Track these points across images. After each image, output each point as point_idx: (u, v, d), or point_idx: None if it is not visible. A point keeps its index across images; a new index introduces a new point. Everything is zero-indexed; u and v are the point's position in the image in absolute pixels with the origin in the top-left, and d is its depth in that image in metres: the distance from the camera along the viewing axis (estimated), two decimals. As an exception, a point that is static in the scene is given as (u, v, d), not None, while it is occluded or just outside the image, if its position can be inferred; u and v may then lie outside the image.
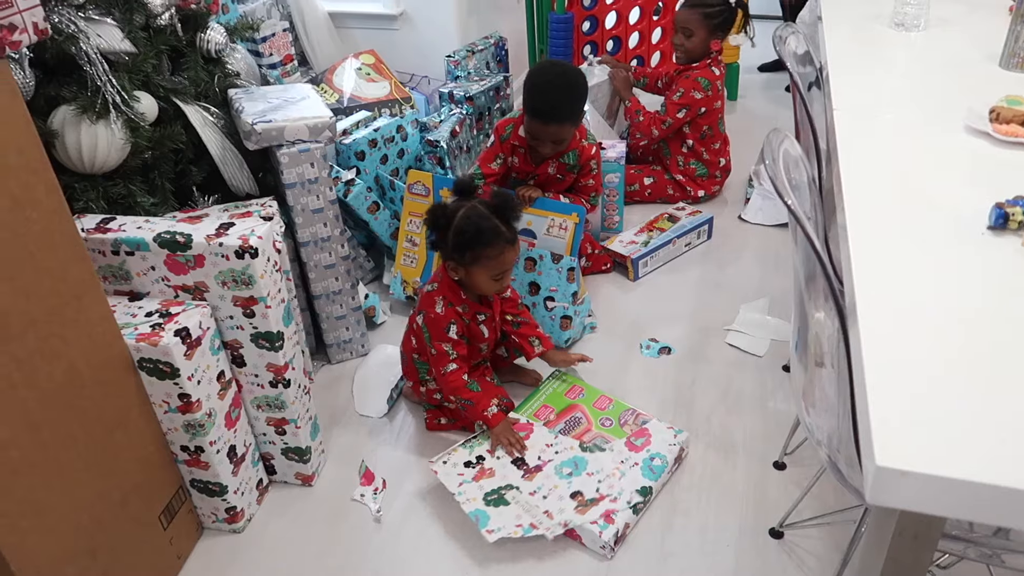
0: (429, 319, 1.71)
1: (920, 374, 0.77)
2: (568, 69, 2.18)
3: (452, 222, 1.64)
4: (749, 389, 1.95)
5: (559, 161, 2.20)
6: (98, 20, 1.60)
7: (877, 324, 0.83)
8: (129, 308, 1.45)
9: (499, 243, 1.63)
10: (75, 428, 1.26)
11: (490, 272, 1.67)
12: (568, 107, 2.10)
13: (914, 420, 0.70)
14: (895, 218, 1.07)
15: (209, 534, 1.64)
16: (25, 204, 1.13)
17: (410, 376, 1.87)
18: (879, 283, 0.90)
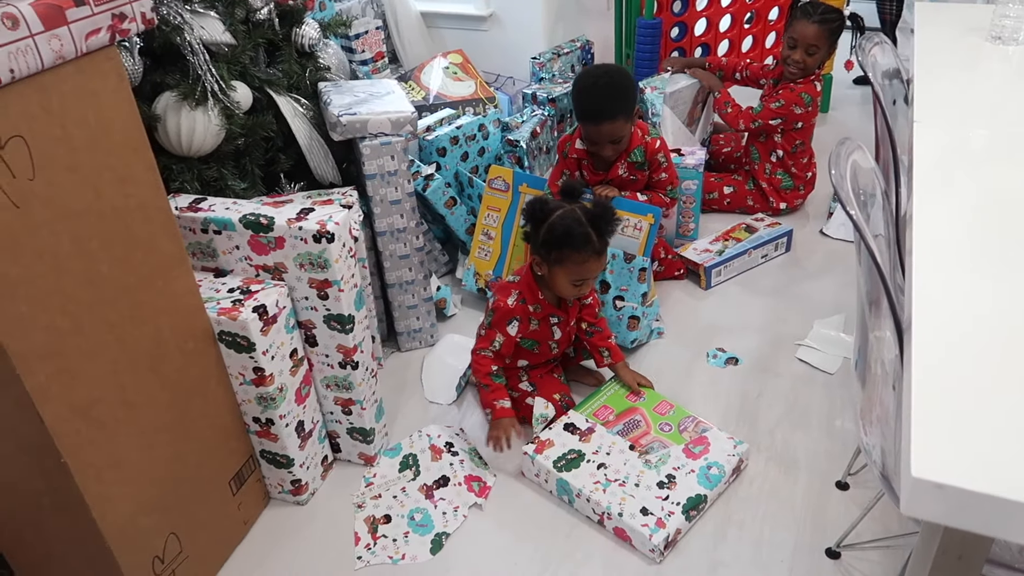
0: (497, 305, 1.76)
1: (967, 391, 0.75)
2: (610, 67, 2.19)
3: (548, 218, 1.68)
4: (817, 406, 1.91)
5: (627, 161, 2.21)
6: (202, 13, 1.70)
7: (930, 341, 0.81)
8: (214, 284, 1.54)
9: (586, 251, 1.66)
10: (157, 391, 1.35)
11: (571, 276, 1.70)
12: (617, 102, 2.09)
13: (955, 434, 0.68)
14: (965, 238, 1.04)
15: (275, 504, 1.72)
16: (125, 180, 1.22)
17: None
18: (938, 302, 0.87)
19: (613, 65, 2.28)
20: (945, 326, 0.85)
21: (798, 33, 2.51)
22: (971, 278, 0.95)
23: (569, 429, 1.77)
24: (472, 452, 1.82)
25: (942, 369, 0.78)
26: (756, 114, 2.60)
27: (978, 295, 0.91)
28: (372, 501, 1.71)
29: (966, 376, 0.78)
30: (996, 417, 0.72)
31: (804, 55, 2.51)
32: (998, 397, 0.76)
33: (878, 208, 1.08)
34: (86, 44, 1.09)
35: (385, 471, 1.78)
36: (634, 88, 2.16)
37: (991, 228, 1.07)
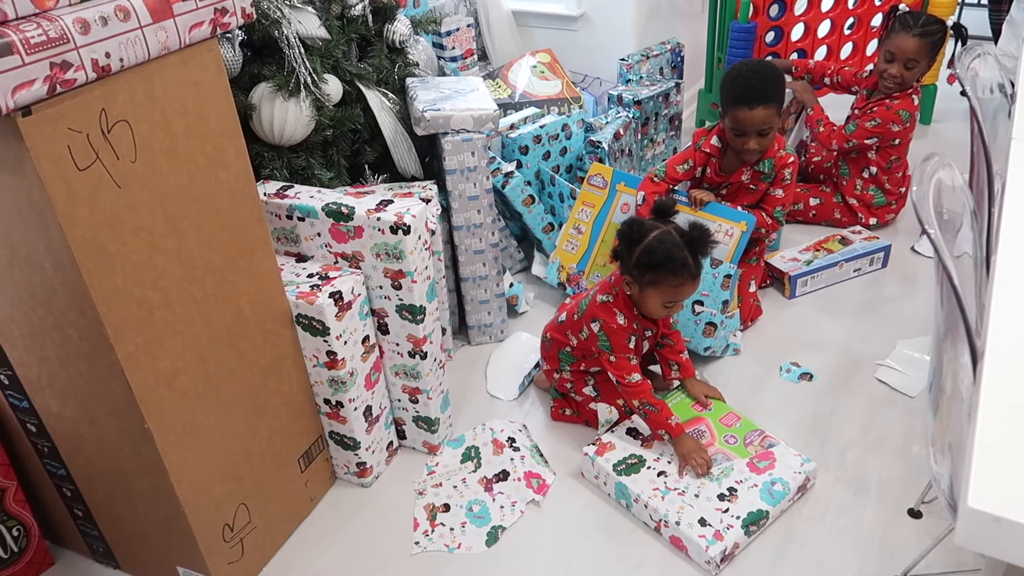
0: (610, 328, 1.70)
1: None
2: (763, 61, 2.20)
3: (644, 239, 1.64)
4: (893, 429, 1.84)
5: (753, 169, 2.16)
6: (300, 8, 1.78)
7: (1002, 370, 0.77)
8: (295, 268, 1.61)
9: (683, 275, 1.62)
10: (236, 366, 1.42)
11: (664, 299, 1.66)
12: (770, 89, 2.05)
13: (1018, 468, 0.65)
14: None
15: (340, 484, 1.78)
16: (217, 165, 1.29)
17: (550, 362, 1.91)
18: (1016, 331, 0.83)
19: (762, 59, 2.26)
20: (1021, 355, 0.81)
21: (896, 46, 2.39)
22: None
23: (632, 434, 1.77)
24: (533, 449, 1.83)
25: (1011, 400, 0.74)
26: (850, 134, 2.49)
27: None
28: (433, 489, 1.75)
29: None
30: None
31: (902, 69, 2.40)
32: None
33: (965, 227, 1.03)
34: (189, 36, 1.16)
35: (447, 461, 1.82)
36: (783, 82, 2.14)
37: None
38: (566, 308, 1.88)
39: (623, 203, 2.28)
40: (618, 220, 2.27)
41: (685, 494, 1.60)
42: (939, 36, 2.40)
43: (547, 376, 1.95)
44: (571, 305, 1.86)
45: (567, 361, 1.87)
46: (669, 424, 1.69)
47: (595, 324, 1.72)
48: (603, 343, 1.71)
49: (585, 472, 1.75)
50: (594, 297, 1.76)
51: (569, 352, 1.85)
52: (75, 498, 1.51)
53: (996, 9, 3.41)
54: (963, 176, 1.18)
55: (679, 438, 1.68)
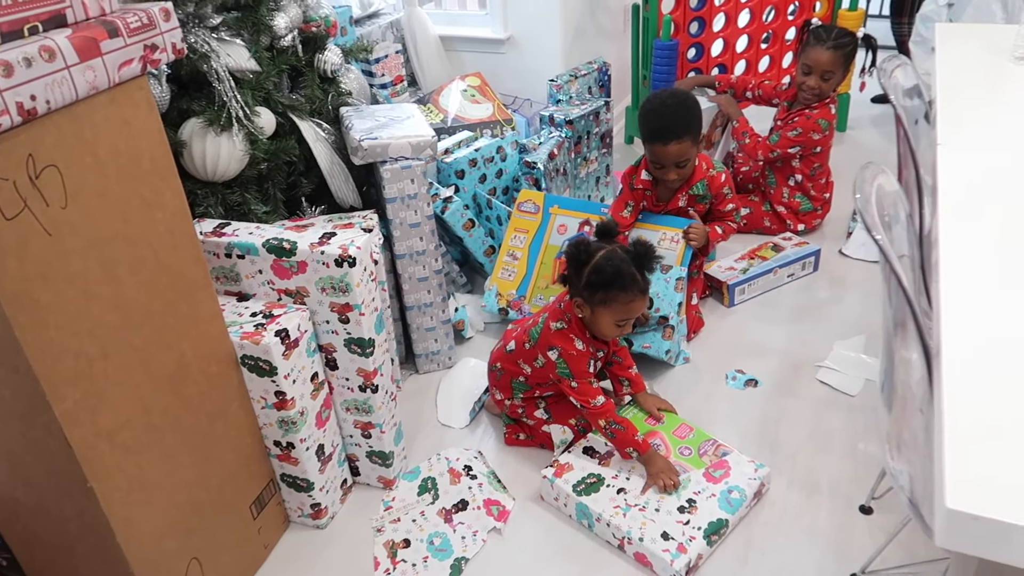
0: (570, 355, 1.70)
1: (1002, 419, 0.74)
2: (676, 91, 2.20)
3: (592, 259, 1.65)
4: (839, 429, 1.89)
5: (689, 194, 2.21)
6: (229, 41, 1.73)
7: (962, 367, 0.80)
8: (237, 308, 1.56)
9: (633, 291, 1.64)
10: (181, 414, 1.36)
11: (616, 317, 1.67)
12: (684, 122, 2.09)
13: (991, 465, 0.68)
14: (993, 258, 1.03)
15: (295, 528, 1.72)
16: (153, 207, 1.24)
17: (502, 391, 1.89)
18: (969, 326, 0.87)
19: (678, 89, 2.28)
20: (976, 350, 0.84)
21: (812, 59, 2.50)
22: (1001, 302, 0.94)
23: (588, 453, 1.77)
24: (491, 475, 1.81)
25: (974, 397, 0.77)
26: (774, 144, 2.59)
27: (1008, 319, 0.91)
28: (391, 525, 1.71)
29: (999, 404, 0.77)
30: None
31: (819, 80, 2.51)
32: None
33: (902, 228, 1.07)
34: (119, 75, 1.12)
35: (404, 495, 1.78)
36: (700, 111, 2.16)
37: (1017, 249, 1.07)
38: (513, 336, 1.86)
39: (559, 225, 2.31)
40: (555, 242, 2.29)
41: (646, 509, 1.61)
42: (851, 47, 2.51)
43: (498, 404, 1.94)
44: (518, 333, 1.84)
45: (520, 390, 1.86)
46: (637, 441, 1.69)
47: (552, 352, 1.72)
48: (563, 370, 1.71)
49: (545, 495, 1.74)
50: (546, 324, 1.75)
51: (523, 381, 1.84)
52: (11, 567, 1.41)
53: (897, 21, 3.60)
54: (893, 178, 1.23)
55: (650, 457, 1.68)
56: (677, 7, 3.05)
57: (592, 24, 3.23)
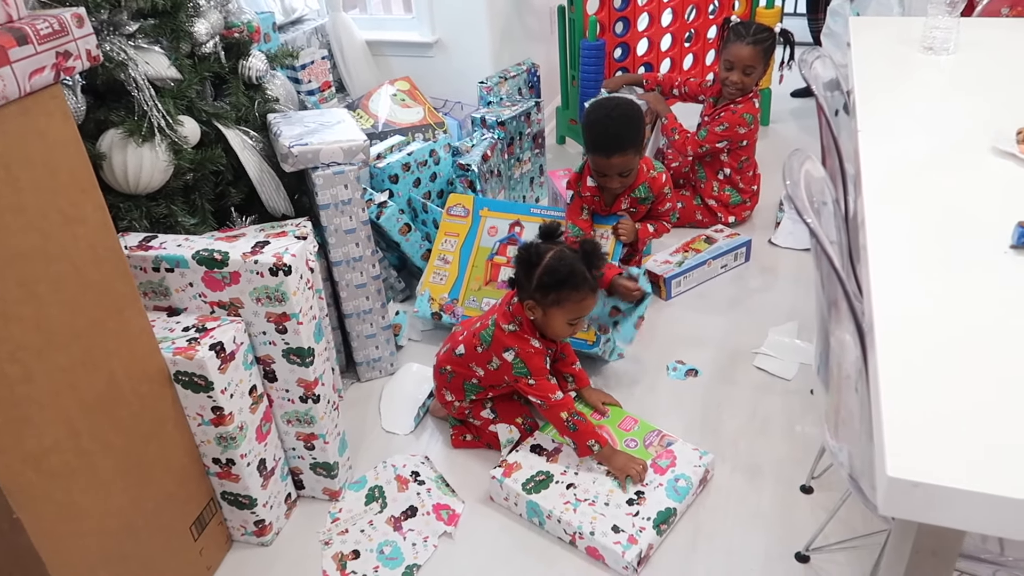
0: (527, 354, 1.70)
1: (935, 388, 0.77)
2: (622, 101, 2.21)
3: (542, 261, 1.65)
4: (776, 413, 1.94)
5: (631, 196, 2.23)
6: (147, 48, 1.67)
7: (894, 340, 0.83)
8: (167, 323, 1.50)
9: (584, 289, 1.65)
10: (113, 437, 1.31)
11: (568, 316, 1.68)
12: (628, 136, 2.12)
13: (928, 433, 0.70)
14: (917, 239, 1.08)
15: (238, 547, 1.67)
16: (74, 221, 1.19)
17: (454, 393, 1.86)
18: (898, 301, 0.90)
19: (623, 98, 2.29)
20: (906, 326, 0.88)
21: (733, 55, 2.58)
22: (925, 279, 0.98)
23: (536, 451, 1.77)
24: (439, 480, 1.80)
25: (907, 369, 0.80)
26: (703, 139, 2.66)
27: (933, 294, 0.95)
28: (339, 537, 1.67)
29: (931, 373, 0.80)
30: (964, 412, 0.75)
31: (742, 76, 2.59)
32: (964, 392, 0.78)
33: (829, 214, 1.11)
34: (30, 84, 1.07)
35: (351, 505, 1.75)
36: (643, 121, 2.18)
37: (939, 229, 1.11)
38: (461, 340, 1.83)
39: (490, 227, 2.31)
40: (486, 244, 2.29)
41: (596, 503, 1.62)
42: (770, 42, 2.60)
43: (446, 407, 1.92)
44: (467, 336, 1.82)
45: (473, 391, 1.85)
46: (599, 434, 1.70)
47: (508, 353, 1.71)
48: (520, 370, 1.71)
49: (494, 495, 1.73)
50: (497, 327, 1.74)
51: (476, 383, 1.83)
52: (-68, 609, 1.33)
53: (813, 18, 3.74)
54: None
55: (611, 451, 1.69)
56: (602, 8, 3.09)
57: (519, 26, 3.25)
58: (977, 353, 0.84)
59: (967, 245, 1.05)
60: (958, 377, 0.80)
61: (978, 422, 0.74)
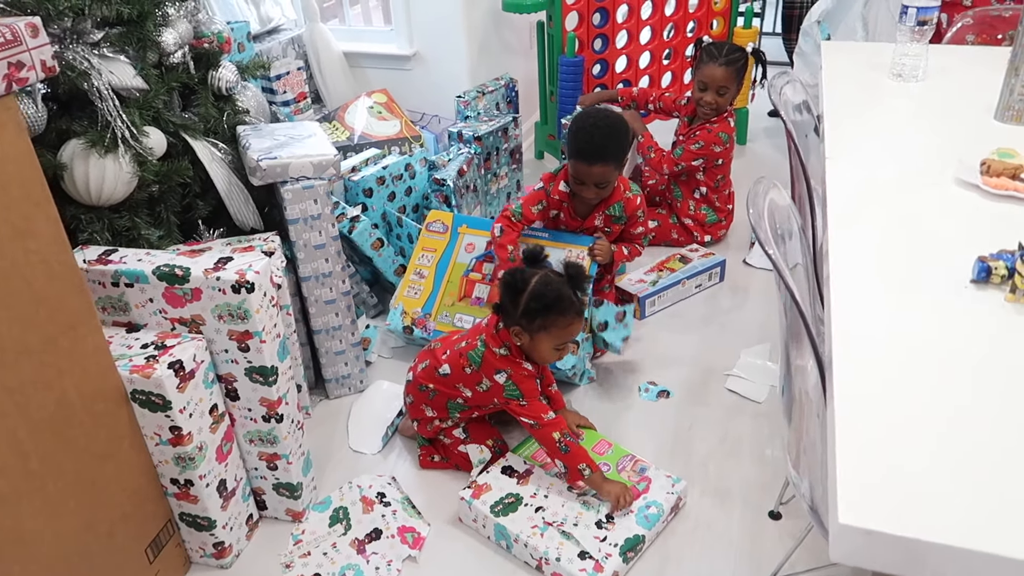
0: (520, 376, 1.67)
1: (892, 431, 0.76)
2: (610, 113, 2.20)
3: (528, 287, 1.63)
4: (747, 436, 1.93)
5: (605, 213, 2.22)
6: (112, 57, 1.64)
7: (851, 376, 0.82)
8: (126, 339, 1.47)
9: (571, 313, 1.64)
10: (64, 458, 1.27)
11: (555, 341, 1.66)
12: (611, 147, 2.10)
13: (883, 478, 0.69)
14: (878, 269, 1.07)
15: (197, 569, 1.63)
16: (25, 235, 1.15)
17: (437, 410, 1.82)
18: (857, 335, 0.89)
19: (613, 111, 2.27)
20: (863, 366, 0.86)
21: (707, 76, 2.58)
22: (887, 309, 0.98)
23: (507, 472, 1.75)
24: (405, 501, 1.77)
25: (863, 411, 0.79)
26: (678, 158, 2.66)
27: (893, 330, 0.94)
28: (301, 560, 1.64)
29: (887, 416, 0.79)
30: (919, 457, 0.73)
31: (715, 96, 2.59)
32: (920, 436, 0.77)
33: (795, 241, 1.10)
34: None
35: (314, 527, 1.71)
36: (628, 137, 2.17)
37: (901, 261, 1.11)
38: (445, 359, 1.77)
39: (467, 243, 2.29)
40: (463, 260, 2.27)
41: (564, 525, 1.60)
42: (742, 62, 2.61)
43: (421, 423, 1.87)
44: (451, 356, 1.77)
45: (457, 410, 1.80)
46: (590, 458, 1.65)
47: (500, 375, 1.68)
48: (512, 392, 1.68)
49: (463, 517, 1.71)
50: (488, 350, 1.70)
51: (462, 403, 1.79)
52: None
53: (787, 38, 3.76)
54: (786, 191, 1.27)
55: (601, 477, 1.65)
56: (581, 24, 3.10)
57: (498, 40, 3.25)
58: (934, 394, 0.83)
59: (928, 279, 1.04)
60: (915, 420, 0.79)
61: (934, 469, 0.72)
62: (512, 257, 2.16)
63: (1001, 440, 0.76)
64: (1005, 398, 0.81)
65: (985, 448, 0.75)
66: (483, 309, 2.20)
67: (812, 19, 3.01)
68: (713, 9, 3.36)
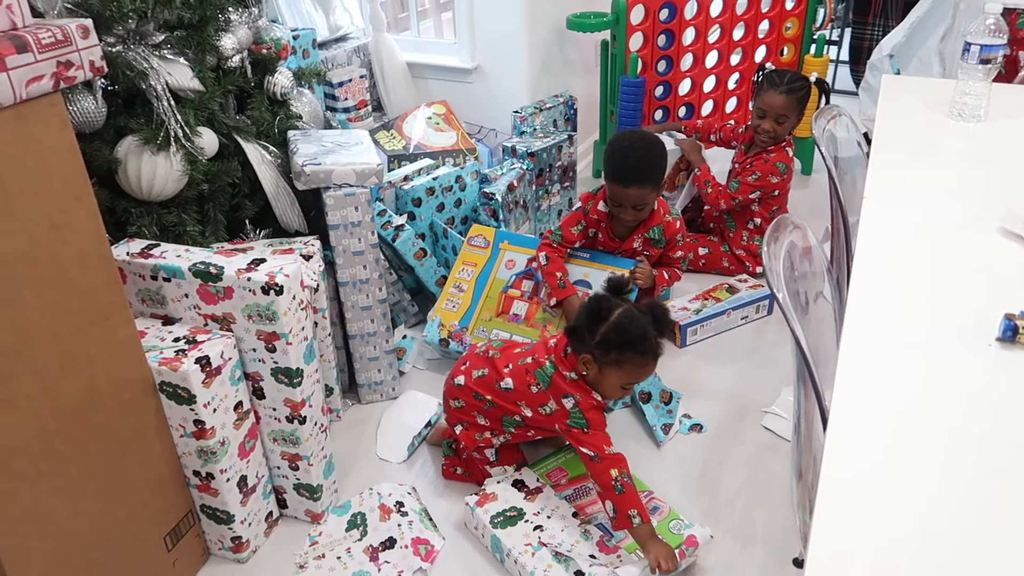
0: (588, 405, 1.60)
1: (881, 512, 0.70)
2: (647, 135, 2.19)
3: (609, 317, 1.56)
4: (778, 477, 1.86)
5: (644, 236, 2.20)
6: (171, 59, 1.71)
7: (847, 434, 0.77)
8: (160, 332, 1.52)
9: (648, 355, 1.57)
10: (88, 442, 1.31)
11: (625, 379, 1.60)
12: (648, 169, 2.09)
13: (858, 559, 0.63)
14: (899, 318, 1.01)
15: (214, 560, 1.67)
16: (63, 227, 1.20)
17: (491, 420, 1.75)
18: (863, 388, 0.84)
19: (648, 133, 2.25)
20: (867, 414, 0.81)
21: (766, 103, 2.53)
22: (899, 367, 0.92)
23: (517, 486, 1.73)
24: (422, 513, 1.77)
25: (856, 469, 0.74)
26: (735, 192, 2.60)
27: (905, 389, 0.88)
28: (315, 561, 1.65)
29: (886, 485, 0.73)
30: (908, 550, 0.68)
31: (774, 124, 2.53)
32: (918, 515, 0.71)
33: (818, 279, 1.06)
34: (26, 91, 1.09)
35: (332, 529, 1.73)
36: (664, 158, 2.15)
37: (925, 310, 1.05)
38: (507, 373, 1.70)
39: (508, 260, 2.30)
40: (503, 276, 2.28)
41: (559, 548, 1.57)
42: (804, 91, 2.54)
43: (466, 431, 1.79)
44: (515, 370, 1.70)
45: (512, 426, 1.75)
46: (643, 505, 1.55)
47: (568, 400, 1.61)
48: (577, 420, 1.60)
49: (467, 523, 1.71)
50: (558, 371, 1.64)
51: (519, 420, 1.72)
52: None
53: (855, 69, 3.64)
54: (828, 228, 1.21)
55: (651, 537, 1.54)
56: (645, 45, 3.07)
57: (561, 58, 3.25)
58: (937, 460, 0.76)
59: (951, 332, 0.97)
60: (908, 495, 0.72)
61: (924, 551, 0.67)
62: (562, 284, 2.14)
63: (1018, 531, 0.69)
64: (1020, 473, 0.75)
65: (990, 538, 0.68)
66: (520, 326, 2.20)
67: (883, 53, 2.91)
68: (784, 35, 3.29)
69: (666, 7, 3.03)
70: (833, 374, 0.89)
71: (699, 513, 1.75)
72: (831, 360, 0.95)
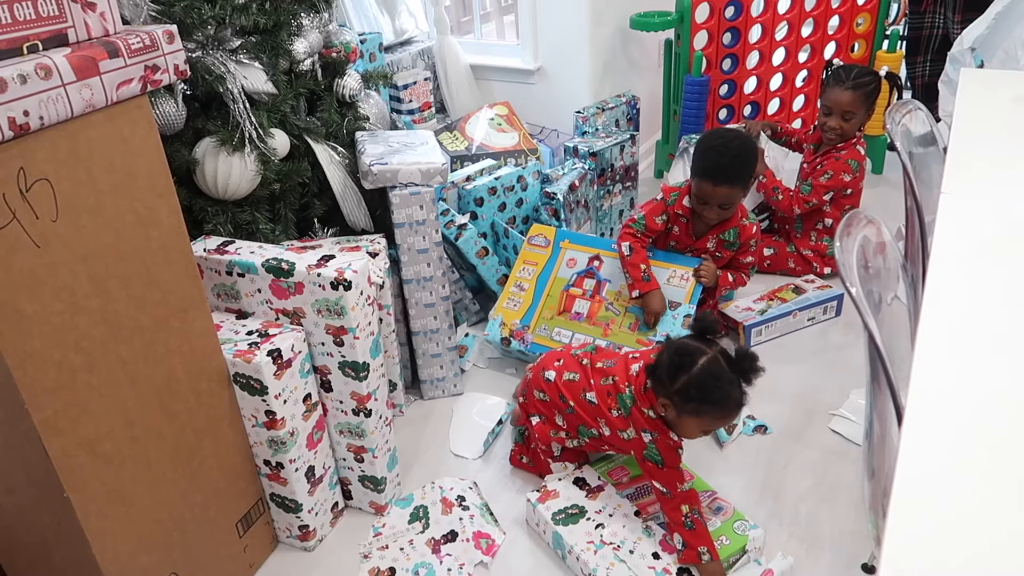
0: (666, 446, 1.56)
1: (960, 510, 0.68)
2: (741, 134, 2.16)
3: (693, 367, 1.47)
4: (847, 481, 1.82)
5: (719, 237, 2.18)
6: (247, 63, 1.77)
7: (923, 433, 0.75)
8: (235, 325, 1.57)
9: (731, 410, 1.49)
10: (166, 429, 1.37)
11: (704, 427, 1.55)
12: (739, 169, 2.07)
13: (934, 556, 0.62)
14: (977, 316, 0.97)
15: (282, 548, 1.72)
16: (148, 223, 1.26)
17: (569, 423, 1.74)
18: (941, 386, 0.82)
19: (741, 131, 2.23)
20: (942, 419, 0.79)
21: (832, 100, 2.47)
22: (974, 369, 0.88)
23: (578, 484, 1.73)
24: (483, 507, 1.79)
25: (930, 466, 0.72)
26: (807, 195, 2.54)
27: (979, 387, 0.85)
28: (379, 552, 1.69)
29: (958, 480, 0.72)
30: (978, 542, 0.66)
31: (840, 121, 2.47)
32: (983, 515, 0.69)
33: (891, 278, 1.03)
34: (117, 94, 1.14)
35: (395, 521, 1.76)
36: (756, 159, 2.13)
37: (1007, 310, 1.01)
38: (593, 387, 1.68)
39: (569, 258, 2.30)
40: (564, 275, 2.28)
41: (620, 549, 1.57)
42: (872, 87, 2.47)
43: (542, 424, 1.78)
44: (598, 387, 1.67)
45: (587, 436, 1.74)
46: (712, 542, 1.54)
47: (647, 435, 1.58)
48: (653, 455, 1.57)
49: (528, 519, 1.72)
50: (636, 405, 1.59)
51: (596, 434, 1.71)
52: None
53: (911, 61, 3.47)
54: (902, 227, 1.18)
55: (719, 569, 1.53)
56: (710, 44, 3.04)
57: (624, 57, 3.24)
58: (1009, 468, 0.74)
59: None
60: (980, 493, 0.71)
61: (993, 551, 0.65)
62: (646, 276, 2.13)
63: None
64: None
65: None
66: (582, 324, 2.20)
67: (964, 45, 2.80)
68: (855, 31, 3.21)
69: (732, 4, 3.00)
70: (907, 375, 0.87)
71: (763, 515, 1.72)
72: (905, 361, 0.92)
